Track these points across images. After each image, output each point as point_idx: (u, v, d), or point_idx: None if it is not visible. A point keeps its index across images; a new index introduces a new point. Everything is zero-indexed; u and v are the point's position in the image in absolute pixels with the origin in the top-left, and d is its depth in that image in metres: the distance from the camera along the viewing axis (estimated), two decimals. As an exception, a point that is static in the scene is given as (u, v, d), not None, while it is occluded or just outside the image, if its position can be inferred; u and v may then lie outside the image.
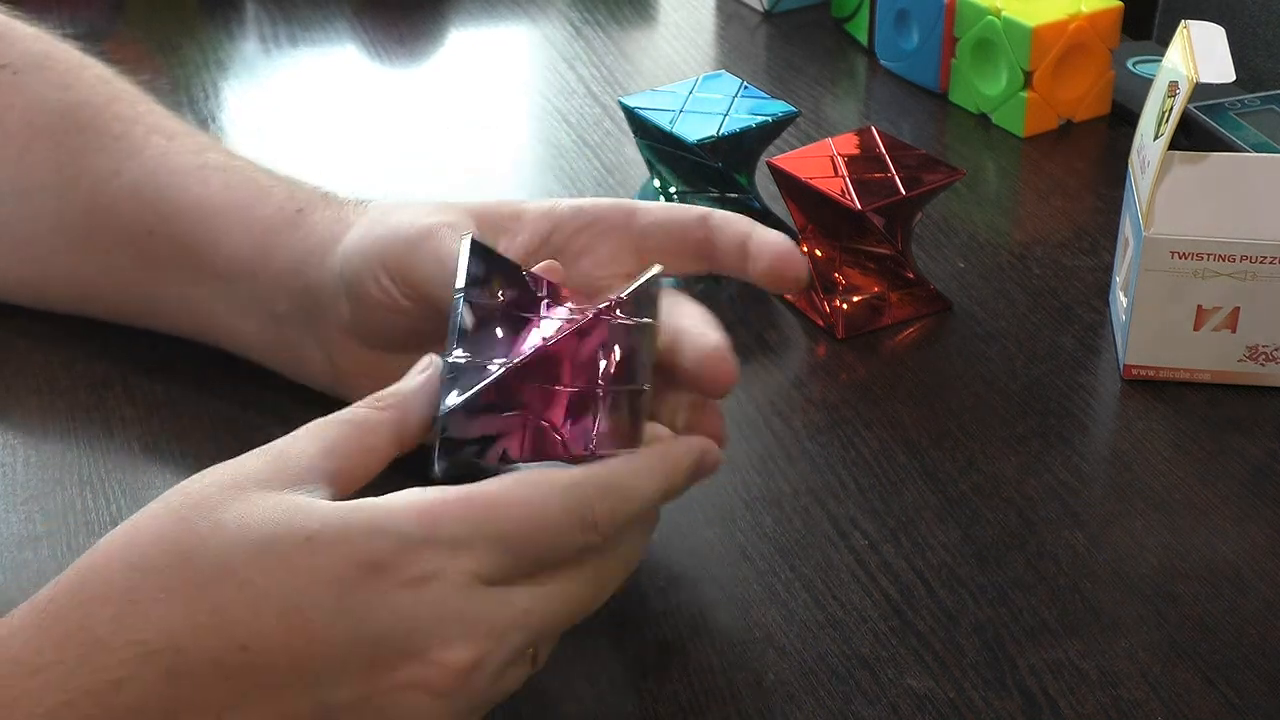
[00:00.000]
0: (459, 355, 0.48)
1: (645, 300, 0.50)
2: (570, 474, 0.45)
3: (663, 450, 0.48)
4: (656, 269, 0.51)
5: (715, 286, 0.73)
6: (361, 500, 0.44)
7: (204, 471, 0.45)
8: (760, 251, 0.56)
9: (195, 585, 0.41)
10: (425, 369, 0.49)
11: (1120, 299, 0.70)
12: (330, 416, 0.47)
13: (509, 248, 0.56)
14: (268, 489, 0.43)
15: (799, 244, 0.72)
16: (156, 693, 0.40)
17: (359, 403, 0.48)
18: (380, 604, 0.41)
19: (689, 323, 0.53)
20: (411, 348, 0.52)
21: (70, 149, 0.65)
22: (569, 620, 0.47)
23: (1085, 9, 0.86)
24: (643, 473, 0.47)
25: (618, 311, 0.49)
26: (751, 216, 0.77)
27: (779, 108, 0.76)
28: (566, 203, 0.58)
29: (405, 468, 0.48)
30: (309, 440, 0.46)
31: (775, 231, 0.57)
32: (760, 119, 0.75)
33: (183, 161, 0.64)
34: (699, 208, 0.58)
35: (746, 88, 0.77)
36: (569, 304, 0.51)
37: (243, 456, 0.45)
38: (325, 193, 0.63)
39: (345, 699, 0.41)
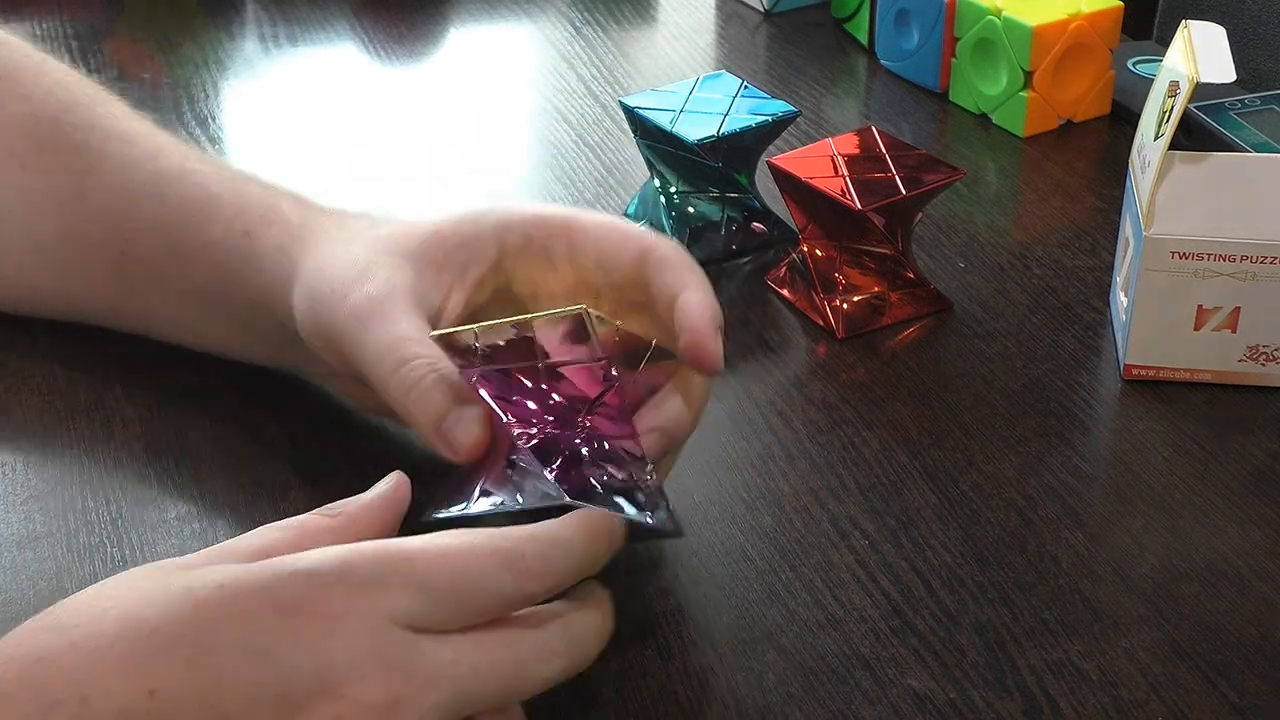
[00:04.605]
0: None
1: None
2: (497, 530, 0.45)
3: (587, 514, 0.48)
4: (652, 342, 0.52)
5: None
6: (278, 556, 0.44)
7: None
8: (680, 324, 0.53)
9: (102, 637, 0.40)
10: (389, 484, 0.49)
11: (1121, 299, 0.70)
12: (280, 521, 0.47)
13: (456, 281, 0.56)
14: (191, 568, 0.43)
15: (799, 244, 0.73)
16: None
17: (314, 510, 0.48)
18: (292, 642, 0.41)
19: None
20: None
21: (34, 169, 0.65)
22: (507, 684, 0.44)
23: (1085, 9, 0.86)
24: (570, 525, 0.47)
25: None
26: (752, 216, 0.78)
27: (779, 107, 0.76)
28: (515, 233, 0.57)
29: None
30: (250, 539, 0.46)
31: (703, 301, 0.53)
32: (760, 119, 0.75)
33: (139, 176, 0.64)
34: (644, 242, 0.56)
35: (747, 87, 0.77)
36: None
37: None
38: (269, 205, 0.61)
39: None
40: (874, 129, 0.74)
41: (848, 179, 0.69)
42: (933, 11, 0.91)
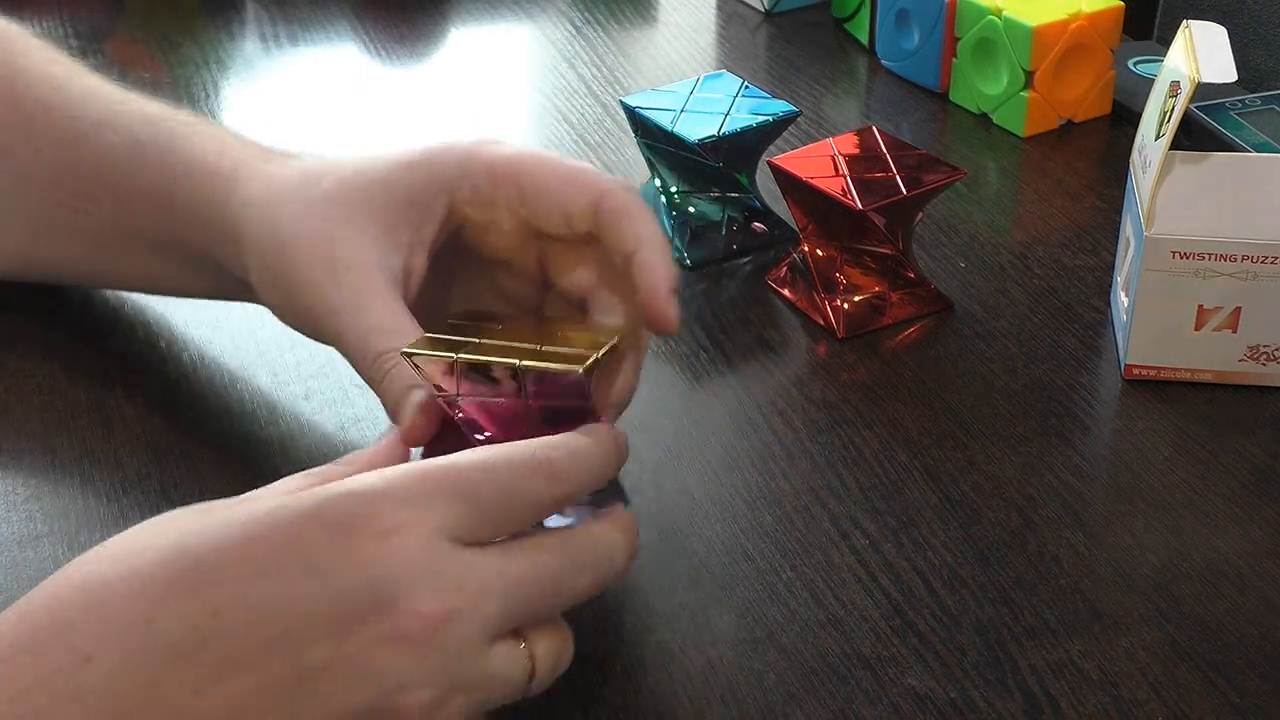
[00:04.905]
0: None
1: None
2: (533, 440, 0.46)
3: (594, 426, 0.49)
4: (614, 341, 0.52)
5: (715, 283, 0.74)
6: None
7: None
8: (639, 285, 0.53)
9: (162, 564, 0.41)
10: (390, 437, 0.51)
11: (1121, 299, 0.70)
12: (298, 473, 0.48)
13: (415, 240, 0.56)
14: (230, 506, 0.44)
15: (800, 244, 0.73)
16: (130, 667, 0.40)
17: (332, 462, 0.49)
18: (346, 560, 0.41)
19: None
20: None
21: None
22: (547, 595, 0.45)
23: (1086, 9, 0.86)
24: (584, 434, 0.48)
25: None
26: (752, 216, 0.78)
27: (780, 107, 0.76)
28: (466, 182, 0.56)
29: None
30: (273, 486, 0.47)
31: (660, 263, 0.53)
32: (761, 118, 0.75)
33: (76, 123, 0.65)
34: (596, 188, 0.55)
35: (747, 87, 0.77)
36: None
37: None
38: (194, 153, 0.61)
39: (321, 659, 0.41)
40: (874, 129, 0.74)
41: (848, 179, 0.69)
42: (933, 11, 0.91)
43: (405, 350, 0.50)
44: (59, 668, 0.40)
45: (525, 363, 0.49)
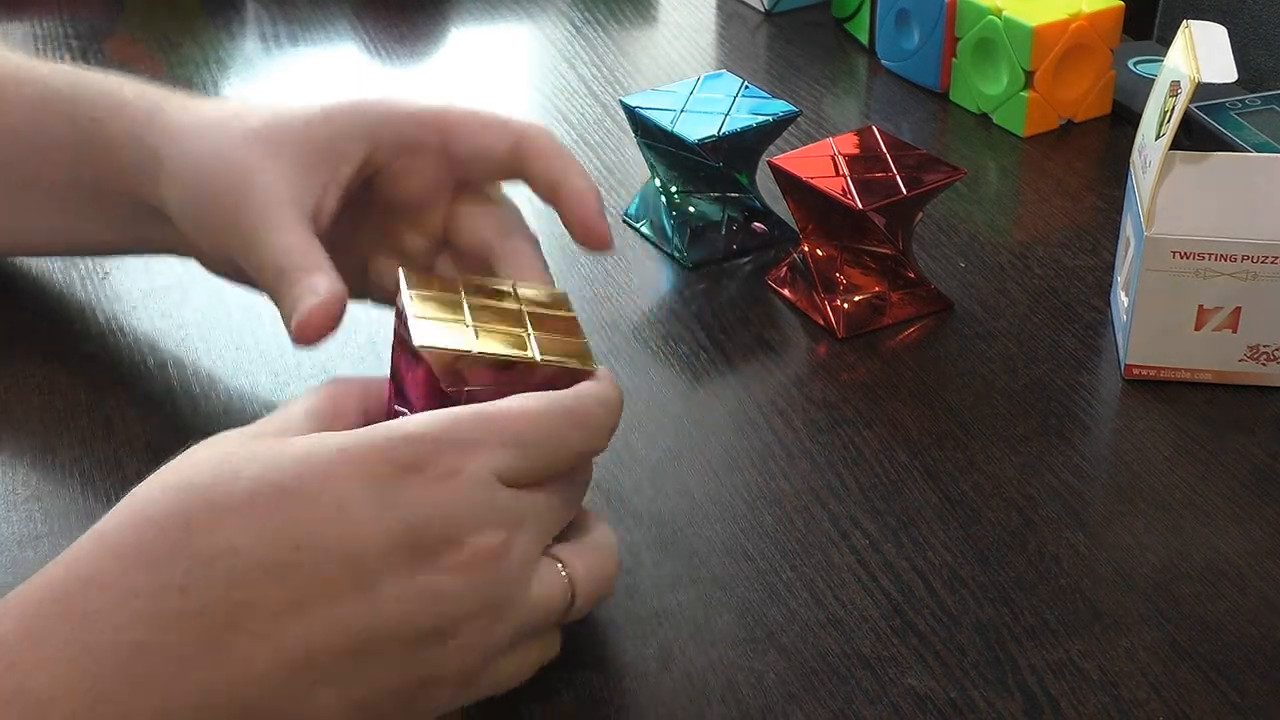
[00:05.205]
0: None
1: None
2: (568, 390, 0.49)
3: (606, 374, 0.52)
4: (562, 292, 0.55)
5: (715, 283, 0.73)
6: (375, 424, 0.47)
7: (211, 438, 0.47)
8: (569, 214, 0.57)
9: (244, 496, 0.43)
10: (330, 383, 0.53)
11: (1121, 299, 0.70)
12: (256, 423, 0.50)
13: (330, 180, 0.58)
14: (283, 435, 0.47)
15: (800, 244, 0.73)
16: (218, 597, 0.42)
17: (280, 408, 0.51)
18: (419, 497, 0.44)
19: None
20: None
21: None
22: (564, 520, 0.50)
23: (1086, 9, 0.86)
24: (605, 382, 0.51)
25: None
26: (753, 216, 0.78)
27: (780, 107, 0.76)
28: (389, 129, 0.59)
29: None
30: (291, 407, 0.49)
31: (585, 188, 0.57)
32: (761, 118, 0.75)
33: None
34: (515, 130, 0.58)
35: (747, 87, 0.77)
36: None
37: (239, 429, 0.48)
38: (110, 93, 0.63)
39: (394, 591, 0.44)
40: (874, 129, 0.74)
41: (848, 179, 0.69)
42: (933, 11, 0.91)
43: (422, 345, 0.50)
44: (158, 593, 0.42)
45: (545, 357, 0.51)
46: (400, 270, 0.53)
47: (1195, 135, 0.81)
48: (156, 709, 0.42)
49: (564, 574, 0.48)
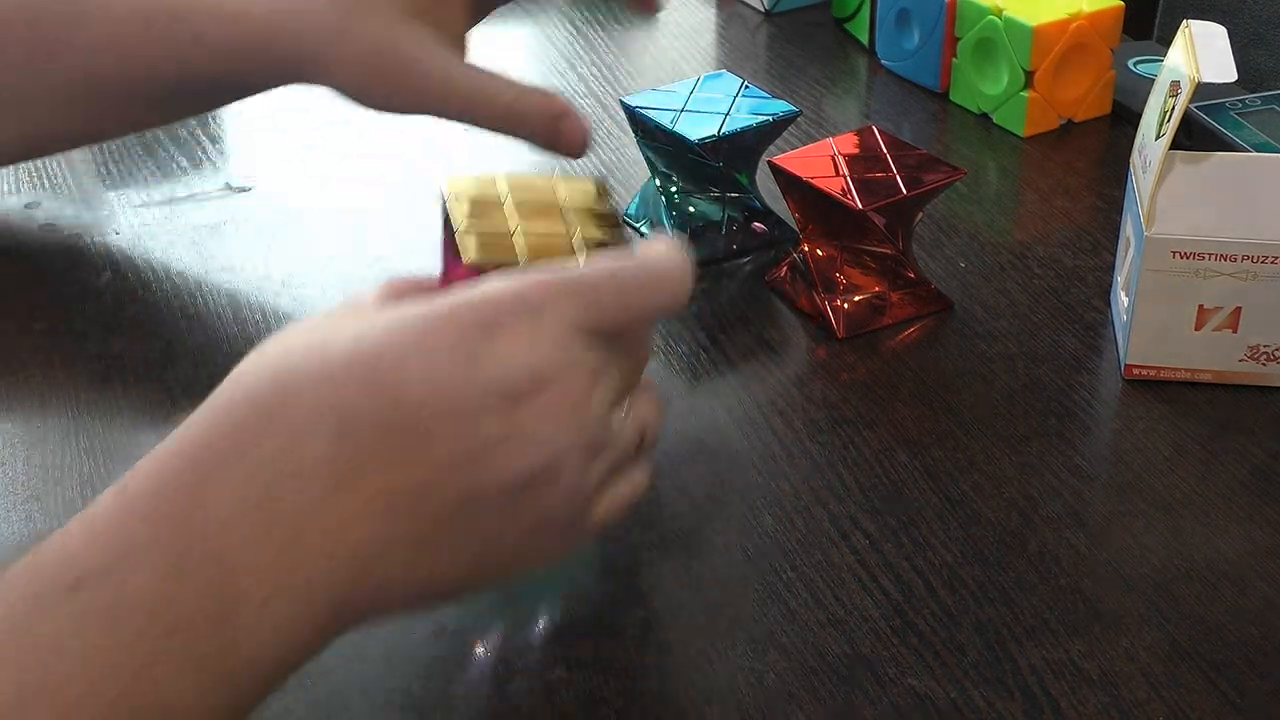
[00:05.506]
0: None
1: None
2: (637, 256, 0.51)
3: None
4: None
5: (715, 283, 0.73)
6: None
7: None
8: (529, 113, 0.66)
9: (337, 362, 0.45)
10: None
11: (1121, 299, 0.70)
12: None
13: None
14: (362, 312, 0.48)
15: (800, 244, 0.73)
16: (329, 453, 0.44)
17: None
18: (504, 351, 0.46)
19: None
20: None
21: None
22: (636, 373, 0.52)
23: (1086, 9, 0.86)
24: (674, 247, 0.52)
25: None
26: (753, 216, 0.78)
27: (780, 107, 0.76)
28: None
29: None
30: (358, 297, 0.51)
31: (538, 92, 0.66)
32: (761, 118, 0.75)
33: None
34: (501, 87, 0.67)
35: (747, 87, 0.77)
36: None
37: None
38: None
39: (494, 433, 0.45)
40: (874, 129, 0.74)
41: (848, 179, 0.69)
42: (933, 11, 0.91)
43: (470, 260, 0.52)
44: (276, 450, 0.44)
45: (590, 255, 0.53)
46: (446, 179, 0.55)
47: (1195, 135, 0.81)
48: (273, 562, 0.43)
49: (632, 415, 0.51)
